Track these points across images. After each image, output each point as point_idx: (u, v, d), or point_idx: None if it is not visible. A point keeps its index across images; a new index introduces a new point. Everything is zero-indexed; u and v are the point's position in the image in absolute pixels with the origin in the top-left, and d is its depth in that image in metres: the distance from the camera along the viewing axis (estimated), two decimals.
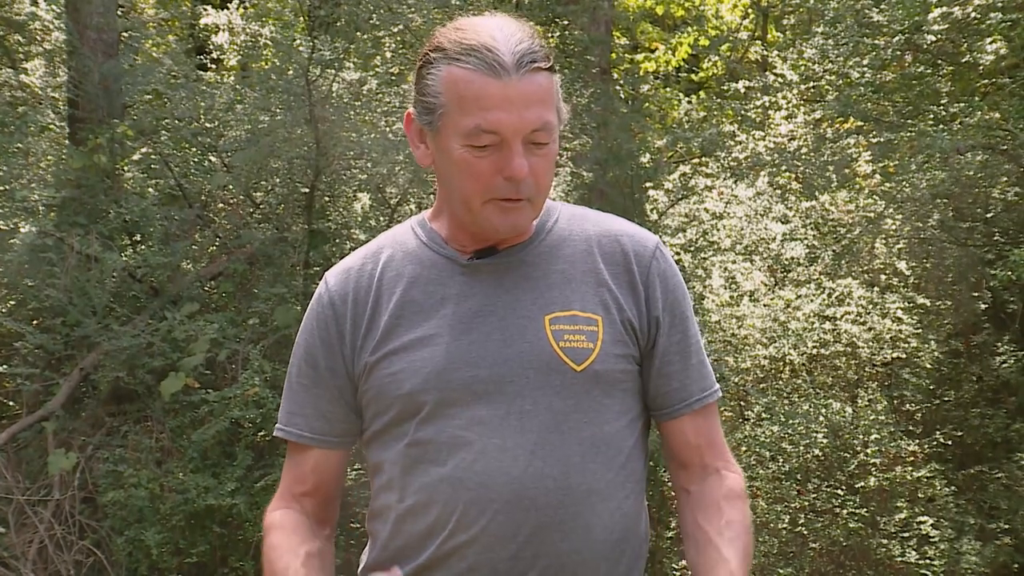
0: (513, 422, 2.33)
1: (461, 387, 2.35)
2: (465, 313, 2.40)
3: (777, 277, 11.62)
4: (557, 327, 2.36)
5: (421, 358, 2.38)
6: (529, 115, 2.27)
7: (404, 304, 2.43)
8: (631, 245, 2.45)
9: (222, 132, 10.29)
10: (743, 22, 17.52)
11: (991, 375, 10.98)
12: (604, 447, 2.36)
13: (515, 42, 2.27)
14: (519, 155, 2.28)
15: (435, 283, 2.44)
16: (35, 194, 9.67)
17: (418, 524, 2.37)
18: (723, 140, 11.89)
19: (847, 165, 11.51)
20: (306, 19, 10.68)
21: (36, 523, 8.23)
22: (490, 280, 2.42)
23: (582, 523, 2.31)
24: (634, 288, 2.42)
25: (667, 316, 2.44)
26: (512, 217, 2.35)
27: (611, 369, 2.37)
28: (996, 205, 11.24)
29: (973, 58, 10.93)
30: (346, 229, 10.19)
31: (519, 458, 2.31)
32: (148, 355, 8.64)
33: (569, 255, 2.44)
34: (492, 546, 2.31)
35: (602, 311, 2.38)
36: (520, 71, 2.26)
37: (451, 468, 2.33)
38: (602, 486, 2.34)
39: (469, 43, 2.30)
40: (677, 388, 2.46)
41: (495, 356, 2.35)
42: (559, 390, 2.34)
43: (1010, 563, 9.87)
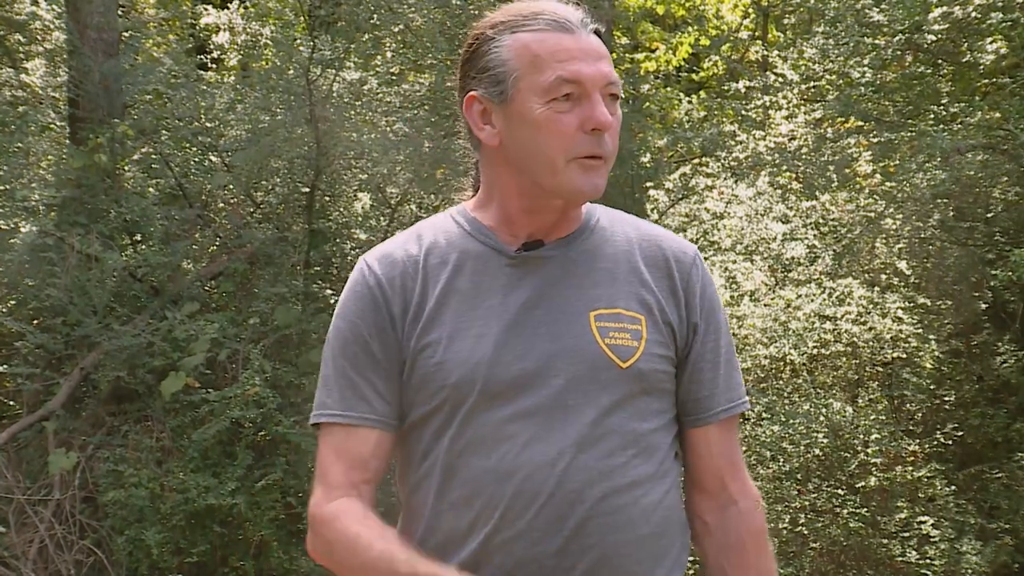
0: (558, 416, 2.32)
1: (508, 380, 2.34)
2: (512, 305, 2.39)
3: (777, 277, 11.62)
4: (603, 324, 2.36)
5: (467, 349, 2.36)
6: (603, 67, 2.31)
7: (449, 292, 2.42)
8: (672, 251, 2.47)
9: (222, 132, 10.29)
10: (744, 22, 17.52)
11: (991, 375, 10.98)
12: (646, 443, 2.37)
13: (571, 8, 2.35)
14: (601, 104, 2.31)
15: (481, 273, 2.42)
16: (35, 194, 9.67)
17: (460, 519, 2.35)
18: (723, 140, 11.90)
19: (847, 165, 11.51)
20: (306, 19, 10.69)
21: (36, 523, 8.23)
22: (537, 273, 2.41)
23: (626, 516, 2.32)
24: (674, 292, 2.44)
25: (703, 323, 2.45)
26: (593, 177, 2.34)
27: (653, 369, 2.38)
28: (996, 205, 11.24)
29: (973, 58, 10.93)
30: (346, 229, 10.20)
31: (565, 452, 2.30)
32: (148, 355, 8.64)
33: (612, 254, 2.44)
34: (539, 540, 2.29)
35: (644, 311, 2.40)
36: (586, 28, 2.33)
37: (496, 461, 2.32)
38: (643, 479, 2.35)
39: (530, 10, 2.35)
40: (707, 396, 2.47)
41: (542, 350, 2.35)
42: (605, 386, 2.34)
43: (1010, 563, 9.87)
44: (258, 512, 8.37)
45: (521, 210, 2.43)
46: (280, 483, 8.54)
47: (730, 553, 2.46)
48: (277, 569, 8.50)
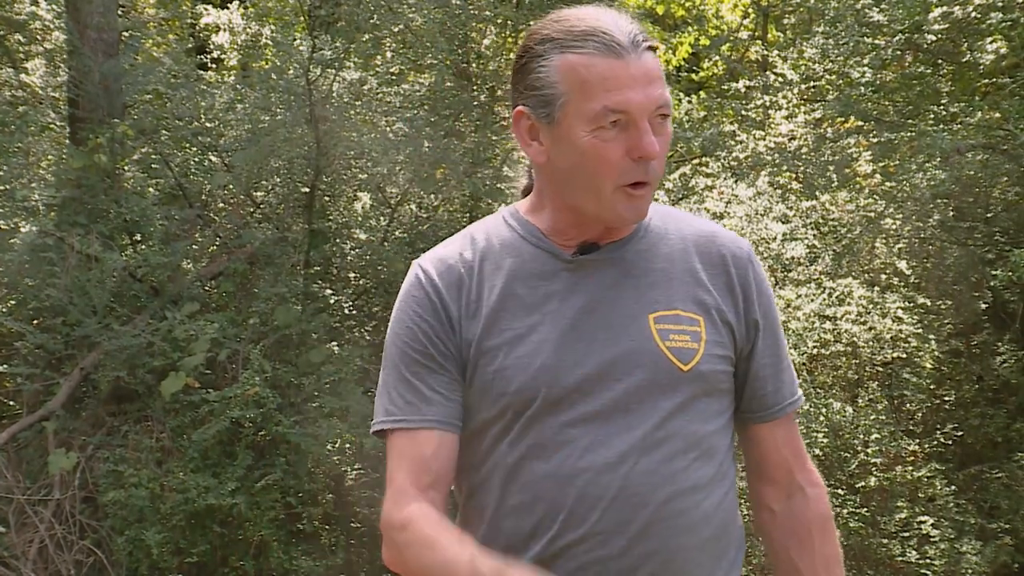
0: (620, 420, 2.31)
1: (569, 385, 2.33)
2: (570, 310, 2.37)
3: (777, 277, 11.61)
4: (662, 326, 2.35)
5: (528, 355, 2.35)
6: (653, 92, 2.26)
7: (506, 297, 2.40)
8: (728, 248, 2.45)
9: (222, 132, 10.30)
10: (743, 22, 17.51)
11: (991, 375, 10.99)
12: (707, 445, 2.36)
13: (624, 23, 2.27)
14: (649, 133, 2.27)
15: (537, 277, 2.40)
16: (35, 194, 9.67)
17: (522, 523, 2.34)
18: (723, 140, 11.89)
19: (847, 165, 11.51)
20: (306, 19, 10.69)
21: (36, 523, 8.23)
22: (594, 277, 2.39)
23: (688, 519, 2.31)
24: (732, 291, 2.42)
25: (762, 320, 2.44)
26: (637, 204, 2.32)
27: (714, 370, 2.37)
28: (996, 205, 11.24)
29: (973, 58, 10.93)
30: (346, 229, 10.20)
31: (627, 455, 2.29)
32: (148, 355, 8.64)
33: (668, 254, 2.42)
34: (602, 543, 2.28)
35: (702, 312, 2.38)
36: (638, 49, 2.25)
37: (556, 465, 2.30)
38: (705, 482, 2.34)
39: (580, 29, 2.28)
40: (772, 391, 2.47)
41: (602, 354, 2.33)
42: (665, 389, 2.33)
43: (1010, 563, 9.87)
44: (258, 512, 8.38)
45: (569, 223, 2.41)
46: (280, 483, 8.55)
47: (795, 538, 2.48)
48: (277, 569, 8.51)
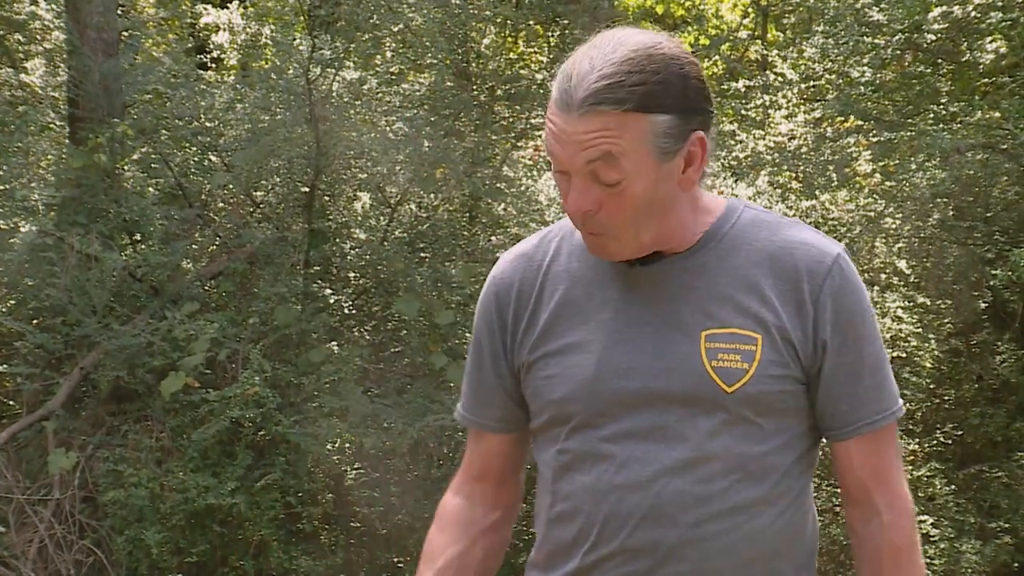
0: (658, 438, 2.28)
1: (610, 398, 2.31)
2: (623, 320, 2.34)
3: None
4: (713, 344, 2.29)
5: (576, 364, 2.34)
6: (581, 151, 2.20)
7: (565, 303, 2.39)
8: (805, 261, 2.33)
9: (222, 131, 10.29)
10: (743, 21, 17.51)
11: (991, 374, 11.00)
12: (753, 467, 2.30)
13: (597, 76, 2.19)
14: (575, 190, 2.24)
15: (597, 285, 2.38)
16: (35, 193, 9.67)
17: (566, 532, 2.35)
18: (723, 139, 11.89)
19: (847, 164, 11.50)
20: (306, 18, 10.69)
21: (36, 522, 8.23)
22: (651, 288, 2.35)
23: (724, 541, 2.27)
24: (801, 307, 2.32)
25: (838, 337, 2.32)
26: (595, 248, 2.31)
27: (767, 391, 2.29)
28: (996, 204, 11.25)
29: (973, 57, 10.93)
30: (346, 228, 10.20)
31: (660, 474, 2.27)
32: (148, 354, 8.64)
33: (737, 266, 2.34)
34: (629, 560, 2.28)
35: (762, 330, 2.30)
36: (581, 108, 2.19)
37: (594, 479, 2.30)
38: (748, 505, 2.29)
39: (564, 69, 2.25)
40: (845, 411, 2.35)
41: (647, 369, 2.30)
42: (707, 409, 2.28)
43: (1010, 562, 9.88)
44: (258, 512, 8.38)
45: None
46: (280, 483, 8.55)
47: (867, 564, 2.40)
48: (277, 569, 8.51)
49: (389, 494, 8.90)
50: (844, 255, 2.37)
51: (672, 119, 2.21)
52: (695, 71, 2.26)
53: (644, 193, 2.24)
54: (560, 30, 11.75)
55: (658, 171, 2.24)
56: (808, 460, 2.41)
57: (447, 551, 2.51)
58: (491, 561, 2.56)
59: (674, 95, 2.22)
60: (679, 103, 2.22)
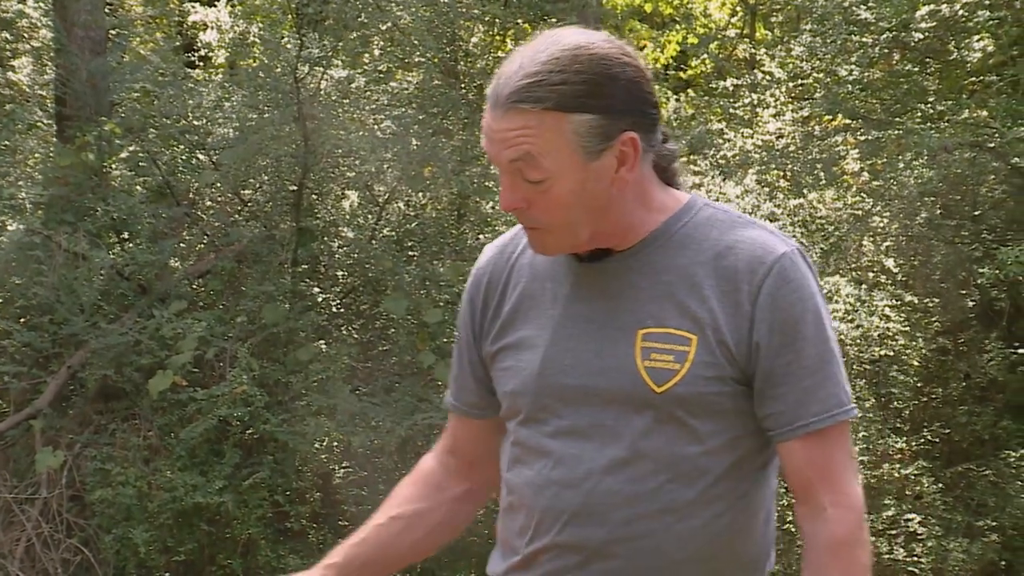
0: (594, 435, 2.30)
1: (552, 394, 2.33)
2: (569, 317, 2.36)
3: None
4: (648, 344, 2.29)
5: (525, 358, 2.37)
6: (504, 149, 2.24)
7: (524, 297, 2.42)
8: (747, 261, 2.30)
9: (210, 130, 10.28)
10: (731, 20, 17.54)
11: (979, 372, 11.02)
12: (686, 467, 2.29)
13: (522, 75, 2.22)
14: (503, 187, 2.28)
15: (552, 279, 2.40)
16: (23, 192, 9.66)
17: (513, 523, 2.40)
18: (711, 138, 11.91)
19: (835, 163, 11.53)
20: (294, 17, 10.67)
21: (23, 521, 8.22)
22: (597, 285, 2.36)
23: (654, 541, 2.28)
24: (739, 308, 2.29)
25: (775, 338, 2.28)
26: (535, 242, 2.33)
27: (699, 392, 2.28)
28: (983, 203, 11.28)
29: (960, 56, 10.96)
30: (334, 227, 10.20)
31: (593, 472, 2.29)
32: (136, 353, 8.63)
33: (682, 265, 2.33)
34: (561, 555, 2.31)
35: (698, 331, 2.28)
36: (507, 104, 2.22)
37: (535, 473, 2.34)
38: (679, 506, 2.29)
39: (501, 67, 2.28)
40: (783, 412, 2.31)
41: (586, 367, 2.32)
42: (639, 409, 2.28)
43: (997, 560, 9.90)
44: (246, 511, 8.37)
45: None
46: (268, 482, 8.54)
47: (808, 562, 2.36)
48: (265, 567, 8.51)
49: (377, 493, 8.89)
50: (792, 254, 2.32)
51: (596, 118, 2.22)
52: (631, 72, 2.26)
53: (571, 192, 2.25)
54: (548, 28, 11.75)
55: (584, 170, 2.25)
56: (757, 462, 2.39)
57: (408, 504, 2.59)
58: (444, 530, 2.63)
59: (599, 95, 2.22)
60: (605, 103, 2.22)
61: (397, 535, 2.59)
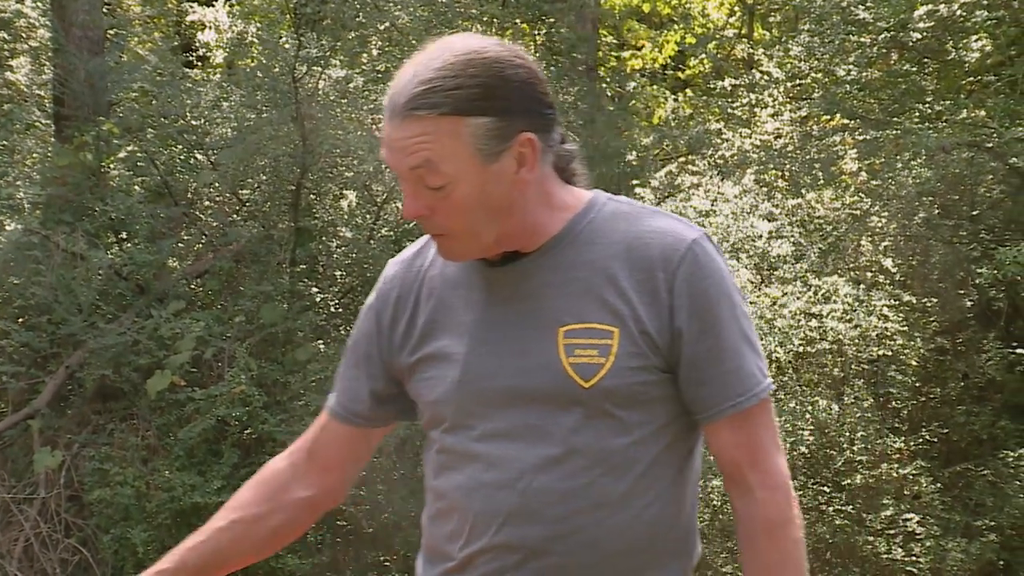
0: (524, 435, 2.31)
1: (478, 399, 2.35)
2: (487, 322, 2.38)
3: (763, 275, 11.62)
4: (570, 340, 2.31)
5: (446, 367, 2.38)
6: (404, 157, 2.26)
7: (440, 308, 2.43)
8: (660, 249, 2.34)
9: (208, 130, 10.28)
10: (729, 20, 17.55)
11: (977, 372, 11.01)
12: (617, 460, 2.32)
13: (416, 82, 2.25)
14: (406, 195, 2.30)
15: (467, 287, 2.42)
16: (20, 192, 9.66)
17: (443, 528, 2.40)
18: (709, 138, 11.92)
19: (833, 163, 11.53)
20: (292, 17, 10.67)
21: (22, 521, 8.22)
22: (511, 287, 2.38)
23: (590, 536, 2.30)
24: (656, 296, 2.32)
25: (694, 323, 2.32)
26: (443, 250, 2.36)
27: (625, 383, 2.31)
28: (982, 203, 11.28)
29: (958, 56, 10.96)
30: (332, 227, 10.19)
31: (524, 473, 2.30)
32: (134, 353, 8.63)
33: (594, 260, 2.36)
34: (499, 556, 2.32)
35: (618, 323, 2.31)
36: (403, 112, 2.25)
37: (465, 478, 2.35)
38: (613, 499, 2.31)
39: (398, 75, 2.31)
40: (708, 395, 2.35)
41: (510, 369, 2.34)
42: (566, 406, 2.30)
43: (995, 560, 9.90)
44: None
45: None
46: None
47: (743, 542, 2.40)
48: (263, 568, 8.50)
49: (375, 492, 8.89)
50: (701, 240, 2.36)
51: (492, 121, 2.25)
52: (523, 74, 2.29)
53: (472, 195, 2.28)
54: (546, 29, 11.77)
55: (484, 173, 2.27)
56: (682, 447, 2.42)
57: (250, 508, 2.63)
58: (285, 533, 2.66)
59: (494, 98, 2.25)
60: (500, 105, 2.25)
61: (236, 539, 2.63)
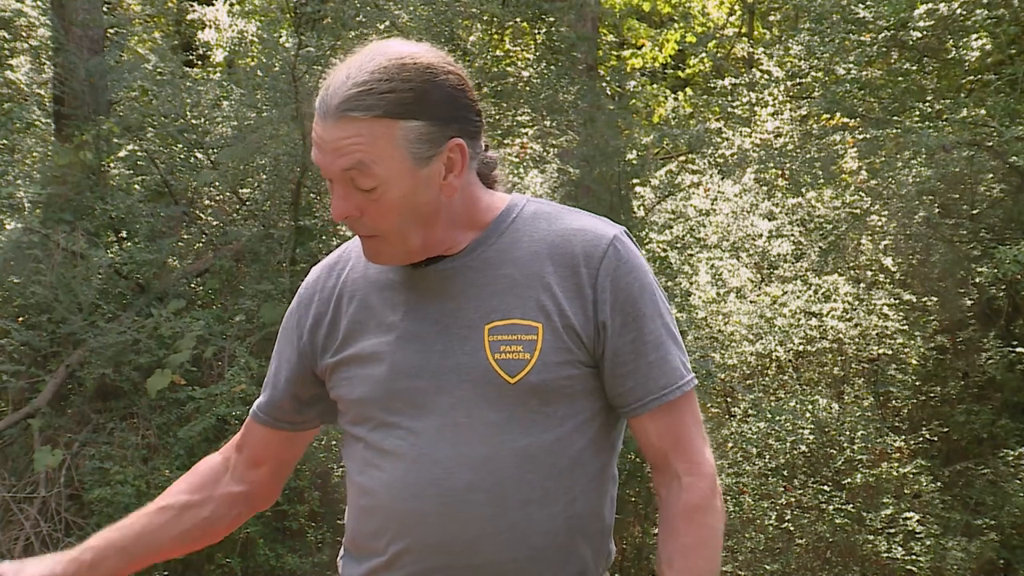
0: (448, 435, 2.33)
1: (402, 398, 2.36)
2: (412, 321, 2.40)
3: (763, 274, 11.64)
4: (496, 337, 2.34)
5: (371, 366, 2.40)
6: (334, 160, 2.28)
7: (361, 308, 2.46)
8: (582, 246, 2.38)
9: (208, 129, 10.28)
10: (729, 19, 17.54)
11: (977, 371, 11.02)
12: (543, 455, 2.33)
13: (351, 84, 2.27)
14: (336, 196, 2.31)
15: (391, 289, 2.44)
16: (21, 191, 9.65)
17: (369, 525, 2.41)
18: (709, 137, 11.90)
19: (833, 162, 11.53)
20: (292, 16, 10.67)
21: (22, 520, 8.22)
22: (437, 287, 2.40)
23: (519, 532, 2.30)
24: (580, 292, 2.36)
25: (617, 317, 2.36)
26: (369, 252, 2.38)
27: (550, 378, 2.33)
28: (982, 201, 11.28)
29: (959, 55, 10.95)
30: (332, 226, 10.19)
31: (451, 471, 2.31)
32: (134, 352, 8.63)
33: (518, 258, 2.39)
34: (426, 555, 2.33)
35: (543, 318, 2.34)
36: (337, 113, 2.27)
37: (390, 477, 2.35)
38: (540, 494, 2.33)
39: (330, 76, 2.33)
40: (632, 387, 2.38)
41: (435, 368, 2.36)
42: (493, 403, 2.32)
43: (995, 559, 9.90)
44: None
45: None
46: None
47: (663, 526, 2.41)
48: (263, 566, 8.51)
49: None
50: (622, 236, 2.41)
51: (424, 125, 2.28)
52: (454, 80, 2.35)
53: (403, 198, 2.31)
54: (546, 28, 11.76)
55: (415, 177, 2.30)
56: (604, 442, 2.44)
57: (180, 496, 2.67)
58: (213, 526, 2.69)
59: (426, 103, 2.28)
60: (432, 110, 2.29)
61: (161, 526, 2.65)
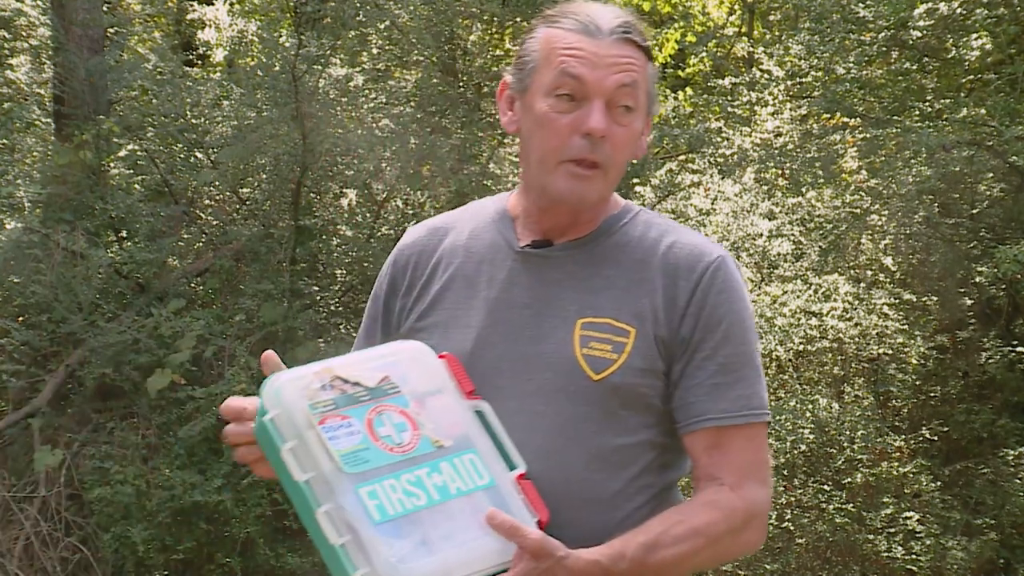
0: (523, 420, 2.31)
1: (483, 374, 2.35)
2: (504, 301, 2.40)
3: (763, 273, 11.63)
4: (586, 333, 2.33)
5: (456, 337, 2.40)
6: (613, 76, 2.31)
7: (456, 277, 2.45)
8: (686, 260, 2.38)
9: (208, 128, 10.27)
10: (729, 18, 17.53)
11: (977, 371, 11.02)
12: (615, 458, 2.32)
13: (614, 15, 2.34)
14: (600, 111, 2.31)
15: (488, 263, 2.44)
16: (21, 190, 9.65)
17: None
18: (709, 136, 11.89)
19: (833, 161, 11.52)
20: (292, 15, 10.67)
21: (22, 520, 8.22)
22: (538, 273, 2.40)
23: (576, 531, 2.25)
24: (674, 303, 2.35)
25: (698, 334, 2.35)
26: (581, 185, 2.35)
27: (632, 383, 2.32)
28: (982, 201, 11.28)
29: (959, 54, 10.96)
30: (332, 225, 10.19)
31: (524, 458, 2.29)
32: (134, 352, 8.63)
33: (623, 261, 2.40)
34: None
35: (637, 323, 2.34)
36: (613, 35, 2.32)
37: None
38: (606, 496, 2.32)
39: (571, 9, 2.36)
40: (692, 403, 2.35)
41: (521, 351, 2.35)
42: (573, 396, 2.31)
43: (995, 558, 9.90)
44: (244, 509, 8.36)
45: (536, 207, 2.45)
46: (266, 480, 8.53)
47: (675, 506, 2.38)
48: (264, 566, 8.50)
49: None
50: (726, 259, 2.41)
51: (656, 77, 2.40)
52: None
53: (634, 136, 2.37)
54: None
55: (647, 118, 2.41)
56: (671, 459, 2.42)
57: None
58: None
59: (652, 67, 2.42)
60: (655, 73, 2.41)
61: None
